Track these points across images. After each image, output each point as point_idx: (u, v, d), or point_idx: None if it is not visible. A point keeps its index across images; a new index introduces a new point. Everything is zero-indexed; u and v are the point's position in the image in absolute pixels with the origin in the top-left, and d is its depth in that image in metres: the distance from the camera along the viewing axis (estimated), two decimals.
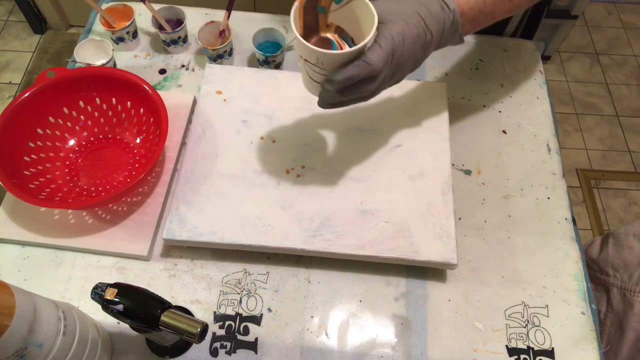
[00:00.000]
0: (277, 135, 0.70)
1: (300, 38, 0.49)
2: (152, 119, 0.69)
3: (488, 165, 0.74)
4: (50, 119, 0.69)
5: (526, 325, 0.63)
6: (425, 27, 0.51)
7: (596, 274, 0.82)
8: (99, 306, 0.48)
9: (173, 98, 0.75)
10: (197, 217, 0.63)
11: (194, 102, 0.77)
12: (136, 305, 0.47)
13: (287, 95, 0.74)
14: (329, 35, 0.56)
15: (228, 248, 0.63)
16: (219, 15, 0.87)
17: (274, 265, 0.65)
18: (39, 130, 0.68)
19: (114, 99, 0.71)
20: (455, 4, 0.53)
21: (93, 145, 0.72)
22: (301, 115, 0.72)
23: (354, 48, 0.48)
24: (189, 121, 0.75)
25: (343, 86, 0.50)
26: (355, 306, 0.63)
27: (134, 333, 0.58)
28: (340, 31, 0.56)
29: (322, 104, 0.55)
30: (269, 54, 0.77)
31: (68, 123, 0.71)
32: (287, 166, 0.68)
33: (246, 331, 0.61)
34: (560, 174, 0.74)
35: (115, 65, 0.79)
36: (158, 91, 0.67)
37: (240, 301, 0.63)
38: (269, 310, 0.62)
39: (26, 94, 0.66)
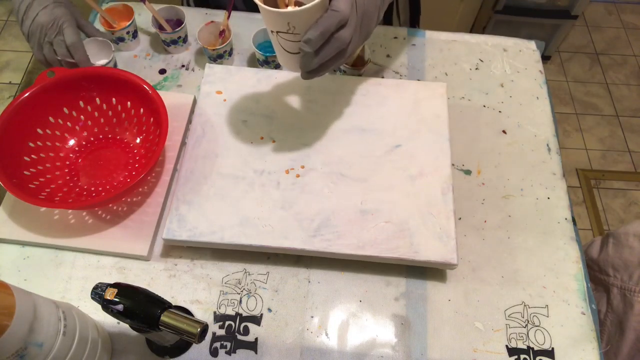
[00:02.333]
0: (277, 135, 0.70)
1: (267, 7, 0.50)
2: (152, 119, 0.69)
3: (488, 165, 0.74)
4: (50, 119, 0.69)
5: (526, 325, 0.63)
6: None
7: (596, 274, 0.82)
8: (99, 306, 0.48)
9: (173, 98, 0.75)
10: (197, 217, 0.63)
11: (194, 102, 0.77)
12: (136, 305, 0.47)
13: (287, 95, 0.74)
14: (289, 8, 0.57)
15: (228, 248, 0.63)
16: (219, 15, 0.87)
17: (274, 265, 0.65)
18: (39, 130, 0.68)
19: (114, 99, 0.71)
20: None
21: (93, 145, 0.72)
22: (301, 115, 0.72)
23: (318, 0, 0.50)
24: (189, 121, 0.75)
25: (320, 43, 0.51)
26: (355, 306, 0.63)
27: (134, 333, 0.58)
28: (299, 4, 0.57)
29: (305, 73, 0.56)
30: (269, 54, 0.77)
31: (68, 123, 0.71)
32: (287, 166, 0.68)
33: (246, 331, 0.61)
34: (560, 174, 0.74)
35: (115, 65, 0.79)
36: (158, 91, 0.67)
37: (240, 301, 0.63)
38: (269, 310, 0.62)
39: (26, 94, 0.66)
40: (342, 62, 0.56)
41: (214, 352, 0.60)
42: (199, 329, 0.47)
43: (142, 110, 0.70)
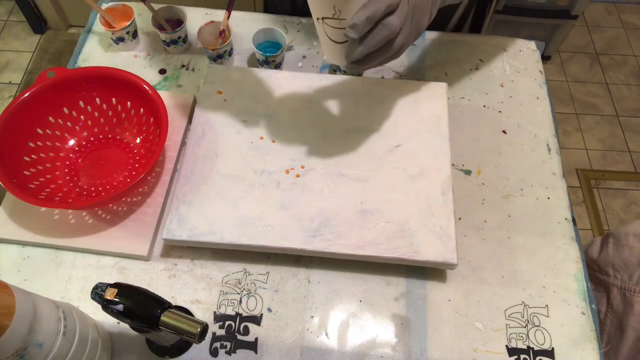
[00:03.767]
0: (277, 135, 0.70)
1: None
2: (152, 119, 0.69)
3: (488, 165, 0.74)
4: (50, 119, 0.69)
5: (526, 325, 0.63)
6: None
7: (596, 274, 0.82)
8: (99, 306, 0.48)
9: (173, 98, 0.75)
10: (197, 217, 0.63)
11: (194, 102, 0.77)
12: (136, 305, 0.47)
13: (287, 95, 0.74)
14: None
15: (228, 248, 0.63)
16: (219, 15, 0.87)
17: (274, 265, 0.65)
18: (39, 130, 0.68)
19: (114, 99, 0.71)
20: None
21: (93, 145, 0.72)
22: (301, 115, 0.72)
23: None
24: (189, 121, 0.75)
25: (366, 28, 0.49)
26: (355, 306, 0.63)
27: (134, 333, 0.58)
28: None
29: (350, 64, 0.53)
30: (269, 54, 0.77)
31: (68, 123, 0.71)
32: (287, 166, 0.68)
33: (246, 331, 0.61)
34: (560, 174, 0.74)
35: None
36: (158, 91, 0.67)
37: (240, 301, 0.63)
38: (269, 310, 0.62)
39: (26, 94, 0.66)
40: (390, 55, 0.53)
41: (214, 352, 0.60)
42: (199, 329, 0.47)
43: (142, 110, 0.70)
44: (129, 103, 0.71)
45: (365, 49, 0.51)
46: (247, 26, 0.85)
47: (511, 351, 0.61)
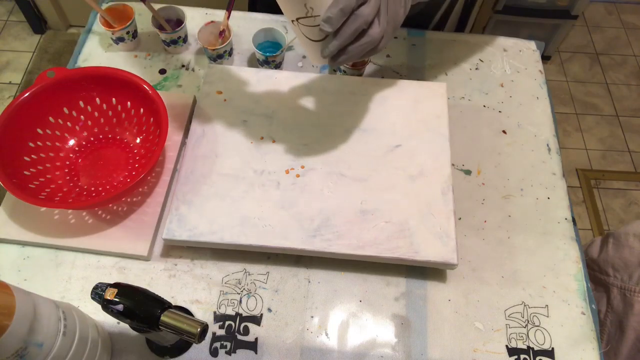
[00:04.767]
0: (277, 135, 0.70)
1: None
2: (152, 119, 0.69)
3: (488, 165, 0.74)
4: (50, 119, 0.69)
5: (526, 325, 0.63)
6: None
7: (596, 274, 0.82)
8: (99, 306, 0.48)
9: (173, 98, 0.75)
10: (197, 217, 0.63)
11: (194, 102, 0.77)
12: (136, 305, 0.47)
13: (287, 95, 0.74)
14: None
15: (228, 248, 0.63)
16: (219, 15, 0.87)
17: (274, 265, 0.65)
18: (39, 130, 0.68)
19: (114, 99, 0.71)
20: None
21: (93, 145, 0.72)
22: (301, 115, 0.72)
23: None
24: (189, 121, 0.75)
25: (341, 20, 0.49)
26: (355, 306, 0.63)
27: (134, 333, 0.58)
28: None
29: (329, 60, 0.53)
30: (269, 54, 0.77)
31: (68, 123, 0.71)
32: (287, 166, 0.68)
33: (246, 331, 0.61)
34: (560, 174, 0.74)
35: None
36: (158, 91, 0.67)
37: (240, 301, 0.63)
38: (269, 310, 0.62)
39: (26, 94, 0.66)
40: (367, 47, 0.52)
41: (214, 352, 0.60)
42: (199, 329, 0.47)
43: (142, 110, 0.70)
44: (129, 103, 0.71)
45: (340, 41, 0.51)
46: (247, 26, 0.85)
47: (511, 351, 0.61)
